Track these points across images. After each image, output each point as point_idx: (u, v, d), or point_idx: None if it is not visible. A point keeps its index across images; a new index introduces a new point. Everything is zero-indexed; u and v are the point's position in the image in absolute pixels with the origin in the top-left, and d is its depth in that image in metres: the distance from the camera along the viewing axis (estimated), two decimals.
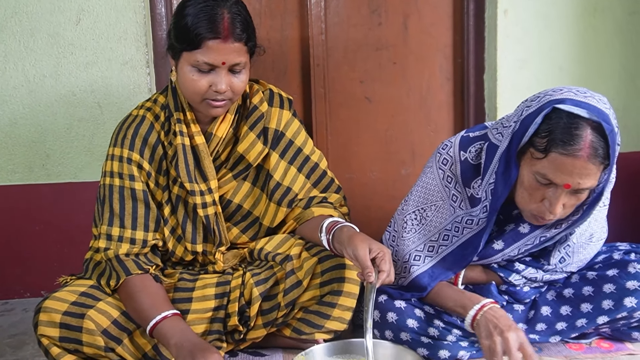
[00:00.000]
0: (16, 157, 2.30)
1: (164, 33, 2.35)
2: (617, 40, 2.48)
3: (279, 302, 1.69)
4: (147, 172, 1.70)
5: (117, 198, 1.67)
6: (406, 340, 1.67)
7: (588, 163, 1.36)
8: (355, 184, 2.57)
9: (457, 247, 1.67)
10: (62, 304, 1.59)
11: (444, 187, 1.67)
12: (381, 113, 2.54)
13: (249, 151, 1.75)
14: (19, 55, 2.24)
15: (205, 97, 1.61)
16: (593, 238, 1.69)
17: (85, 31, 2.25)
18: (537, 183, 1.44)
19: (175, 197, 1.74)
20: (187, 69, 1.60)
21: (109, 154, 1.71)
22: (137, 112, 1.75)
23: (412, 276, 1.70)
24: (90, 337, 1.57)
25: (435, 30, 2.51)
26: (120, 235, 1.65)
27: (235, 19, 1.57)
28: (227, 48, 1.56)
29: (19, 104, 2.27)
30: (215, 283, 1.72)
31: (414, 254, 1.71)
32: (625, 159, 2.53)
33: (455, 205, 1.66)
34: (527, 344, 1.42)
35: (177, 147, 1.69)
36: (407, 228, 1.73)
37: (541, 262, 1.71)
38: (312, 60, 2.44)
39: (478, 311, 1.53)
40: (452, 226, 1.67)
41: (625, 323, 1.69)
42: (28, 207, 2.31)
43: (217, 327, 1.68)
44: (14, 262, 2.33)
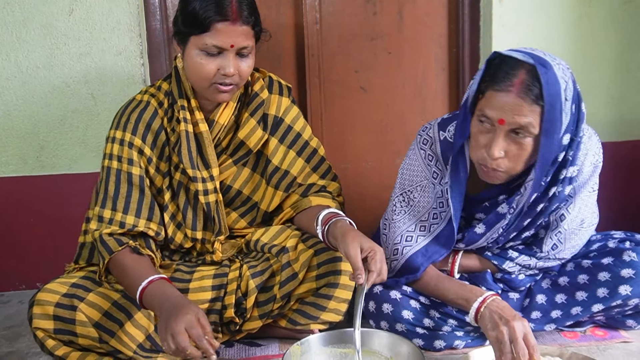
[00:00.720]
0: (10, 149, 2.29)
1: (157, 23, 2.34)
2: (612, 29, 2.48)
3: (274, 294, 1.69)
4: (147, 157, 1.70)
5: (113, 181, 1.68)
6: (402, 331, 1.68)
7: (518, 98, 1.42)
8: (351, 173, 2.57)
9: (447, 222, 1.69)
10: (53, 296, 1.59)
11: (426, 166, 1.70)
12: (376, 103, 2.53)
13: (249, 137, 1.76)
14: (11, 46, 2.22)
15: (214, 81, 1.62)
16: (584, 224, 1.70)
17: (78, 22, 2.23)
18: (480, 126, 1.50)
19: (176, 184, 1.74)
20: (195, 53, 1.61)
21: (110, 137, 1.71)
22: (141, 97, 1.76)
23: (405, 257, 1.70)
24: (84, 329, 1.58)
25: (430, 20, 2.50)
26: (111, 217, 1.65)
27: (243, 2, 1.60)
28: (235, 30, 1.58)
29: (12, 96, 2.25)
30: (213, 275, 1.72)
31: (406, 234, 1.72)
32: (621, 147, 2.54)
33: (436, 182, 1.69)
34: (531, 335, 1.43)
35: (180, 134, 1.70)
36: (396, 211, 1.75)
37: (534, 249, 1.72)
38: (306, 50, 2.43)
39: (481, 304, 1.53)
40: (437, 203, 1.69)
41: (619, 311, 1.70)
42: (22, 199, 2.31)
43: (213, 318, 1.69)
44: (9, 254, 2.33)
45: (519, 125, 1.44)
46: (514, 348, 1.41)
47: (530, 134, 1.45)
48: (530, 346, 1.41)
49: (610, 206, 2.57)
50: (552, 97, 1.42)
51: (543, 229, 1.70)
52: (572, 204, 1.65)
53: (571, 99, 1.47)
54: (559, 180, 1.57)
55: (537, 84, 1.42)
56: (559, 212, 1.66)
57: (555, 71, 1.44)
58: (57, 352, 1.60)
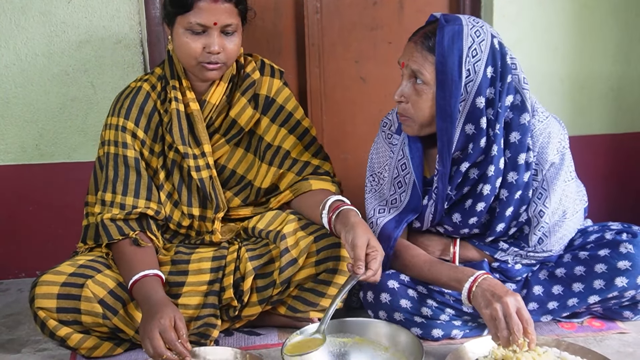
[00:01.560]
0: (9, 137, 2.28)
1: (157, 11, 2.33)
2: (612, 20, 2.47)
3: (274, 280, 1.70)
4: (141, 140, 1.76)
5: (112, 165, 1.74)
6: (400, 320, 1.69)
7: (415, 45, 1.60)
8: (350, 163, 2.57)
9: (413, 185, 1.74)
10: (60, 277, 1.62)
11: (387, 144, 1.81)
12: (376, 93, 2.53)
13: (240, 115, 1.81)
14: (10, 34, 2.21)
15: (200, 60, 1.68)
16: (567, 214, 1.70)
17: (77, 9, 2.22)
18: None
19: (170, 162, 1.79)
20: (181, 32, 1.68)
21: (106, 123, 1.79)
22: (135, 84, 1.82)
23: (380, 226, 1.75)
24: (89, 304, 1.60)
25: (430, 10, 2.47)
26: (112, 200, 1.72)
27: None
28: (217, 8, 1.64)
29: (11, 83, 2.25)
30: (211, 257, 1.75)
31: (378, 208, 1.79)
32: (620, 139, 2.55)
33: (393, 150, 1.78)
34: (524, 309, 1.45)
35: (171, 113, 1.76)
36: (367, 190, 1.85)
37: (521, 244, 1.73)
38: (307, 40, 2.42)
39: (473, 283, 1.54)
40: (398, 170, 1.76)
41: (616, 302, 1.71)
42: (21, 188, 2.31)
43: (211, 300, 1.70)
44: (8, 242, 2.33)
45: (413, 69, 1.59)
46: (508, 323, 1.43)
47: (426, 83, 1.58)
48: (524, 320, 1.43)
49: (608, 198, 2.58)
50: (444, 49, 1.54)
51: (526, 224, 1.72)
52: (547, 197, 1.66)
53: (483, 60, 1.56)
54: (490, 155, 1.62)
55: (434, 36, 1.56)
56: (537, 208, 1.67)
57: (464, 29, 1.56)
58: (59, 333, 1.61)
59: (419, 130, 1.67)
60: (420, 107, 1.62)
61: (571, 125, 2.48)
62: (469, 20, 1.59)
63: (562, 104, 2.52)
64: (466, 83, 1.57)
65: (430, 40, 1.57)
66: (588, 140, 2.53)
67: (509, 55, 1.62)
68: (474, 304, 1.54)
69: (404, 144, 1.76)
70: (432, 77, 1.57)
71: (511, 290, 1.50)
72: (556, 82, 2.50)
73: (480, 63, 1.56)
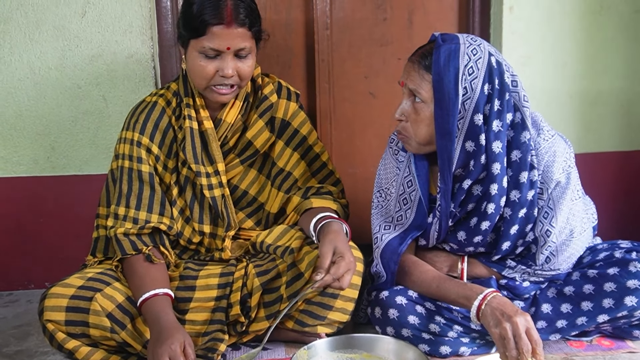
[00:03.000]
0: (21, 149, 2.31)
1: (169, 26, 2.36)
2: (621, 37, 2.47)
3: (281, 294, 1.70)
4: (155, 155, 1.77)
5: (126, 179, 1.75)
6: (407, 336, 1.68)
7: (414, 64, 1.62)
8: (359, 178, 2.57)
9: (418, 202, 1.75)
10: (69, 289, 1.63)
11: (394, 160, 1.81)
12: (385, 108, 2.54)
13: (257, 137, 1.82)
14: (24, 47, 2.24)
15: (212, 82, 1.70)
16: (574, 233, 1.70)
17: (90, 24, 2.25)
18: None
19: (183, 179, 1.80)
20: (194, 56, 1.68)
21: (121, 137, 1.80)
22: (150, 98, 1.84)
23: (384, 242, 1.75)
24: (97, 318, 1.60)
25: (440, 26, 2.51)
26: (125, 214, 1.72)
27: (239, 5, 1.65)
28: (231, 33, 1.64)
29: (24, 96, 2.27)
30: (219, 273, 1.75)
31: (383, 224, 1.79)
32: (630, 157, 2.54)
33: (400, 167, 1.78)
34: (534, 329, 1.44)
35: (185, 130, 1.77)
36: (374, 206, 1.85)
37: (529, 263, 1.73)
38: (316, 55, 2.44)
39: (482, 301, 1.54)
40: (404, 187, 1.77)
41: (626, 322, 1.70)
42: (33, 199, 2.33)
43: (219, 316, 1.70)
44: (19, 253, 2.35)
45: (410, 88, 1.62)
46: (517, 343, 1.42)
47: (424, 101, 1.60)
48: (533, 341, 1.42)
49: (618, 215, 2.57)
50: (440, 67, 1.57)
51: (533, 244, 1.71)
52: (554, 217, 1.66)
53: (480, 77, 1.57)
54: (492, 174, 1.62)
55: (431, 55, 1.59)
56: (543, 227, 1.67)
57: (460, 48, 1.58)
58: (67, 346, 1.62)
59: (419, 149, 1.69)
60: (419, 126, 1.64)
61: (581, 142, 2.49)
62: (466, 39, 1.61)
63: (572, 121, 2.52)
64: (463, 101, 1.58)
65: (426, 60, 1.60)
66: (598, 158, 2.52)
67: (509, 73, 1.62)
68: (482, 322, 1.53)
69: (410, 161, 1.77)
70: (429, 95, 1.60)
71: (520, 309, 1.49)
72: (565, 99, 2.50)
73: (477, 80, 1.57)
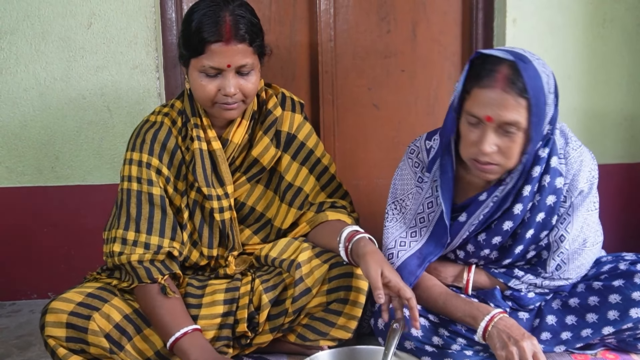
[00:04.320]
0: (25, 159, 2.32)
1: (174, 38, 2.37)
2: (625, 50, 2.48)
3: (286, 308, 1.69)
4: (165, 177, 1.72)
5: (135, 202, 1.68)
6: (410, 348, 1.67)
7: (504, 93, 1.46)
8: (362, 190, 2.57)
9: (436, 222, 1.72)
10: (68, 305, 1.60)
11: (413, 173, 1.76)
12: (388, 120, 2.54)
13: (263, 155, 1.77)
14: (30, 58, 2.26)
15: (216, 100, 1.64)
16: (587, 243, 1.69)
17: (96, 35, 2.27)
18: (469, 126, 1.54)
19: (192, 202, 1.75)
20: (195, 75, 1.63)
21: (127, 159, 1.72)
22: (155, 117, 1.77)
23: (401, 260, 1.72)
24: (96, 338, 1.58)
25: (444, 39, 2.52)
26: (135, 239, 1.65)
27: (239, 21, 1.59)
28: (230, 50, 1.58)
29: (29, 107, 2.29)
30: (224, 289, 1.71)
31: (399, 240, 1.76)
32: (634, 169, 2.54)
33: (421, 186, 1.74)
34: (541, 354, 1.43)
35: (194, 152, 1.71)
36: (389, 218, 1.79)
37: (538, 270, 1.72)
38: (320, 67, 2.45)
39: (489, 322, 1.53)
40: (423, 207, 1.73)
41: (631, 334, 1.69)
42: (36, 209, 2.33)
43: (226, 333, 1.68)
44: (22, 263, 2.35)
45: (505, 121, 1.48)
46: None
47: (520, 129, 1.49)
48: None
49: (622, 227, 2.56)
50: (536, 89, 1.47)
51: (545, 249, 1.70)
52: (570, 223, 1.66)
53: (553, 92, 1.53)
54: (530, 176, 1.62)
55: (520, 77, 1.46)
56: (558, 232, 1.66)
57: (535, 65, 1.49)
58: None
59: (502, 173, 1.61)
60: (512, 153, 1.53)
61: None
62: (528, 54, 1.52)
63: (575, 133, 2.46)
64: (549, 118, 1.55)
65: (516, 84, 1.46)
66: (601, 170, 2.48)
67: None
68: (488, 343, 1.53)
69: (434, 183, 1.72)
70: (525, 118, 1.48)
71: (527, 332, 1.48)
72: (569, 111, 2.50)
73: (552, 95, 1.53)
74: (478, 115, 1.50)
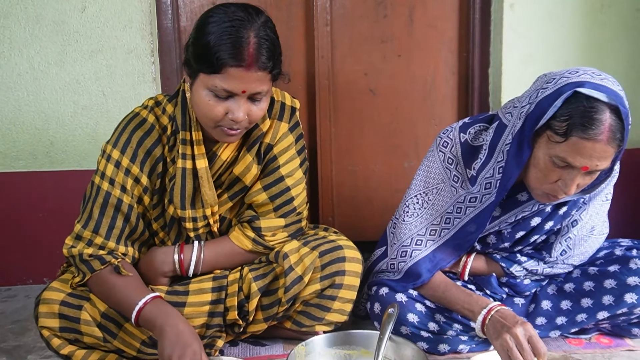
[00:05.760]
0: (20, 144, 2.30)
1: (169, 22, 2.35)
2: (623, 36, 2.47)
3: (279, 298, 1.68)
4: (144, 187, 1.63)
5: (100, 202, 1.60)
6: (406, 334, 1.68)
7: (607, 146, 1.38)
8: (359, 176, 2.57)
9: (459, 228, 1.68)
10: (58, 294, 1.60)
11: (444, 169, 1.68)
12: (385, 106, 2.53)
13: (245, 174, 1.67)
14: (24, 43, 2.24)
15: (220, 123, 1.51)
16: (594, 231, 1.70)
17: (90, 19, 2.25)
18: (553, 165, 1.45)
19: (169, 218, 1.69)
20: (203, 93, 1.48)
21: (108, 153, 1.62)
22: (147, 115, 1.65)
23: (413, 260, 1.71)
24: (89, 328, 1.58)
25: (440, 24, 2.51)
26: (91, 239, 1.59)
27: (262, 45, 1.44)
28: (249, 76, 1.44)
29: (23, 91, 2.27)
30: (212, 277, 1.70)
31: (416, 238, 1.72)
32: (631, 155, 2.52)
33: (456, 186, 1.67)
34: (536, 337, 1.43)
35: (177, 171, 1.62)
36: (409, 212, 1.73)
37: (543, 254, 1.72)
38: (316, 52, 2.43)
39: (486, 315, 1.53)
40: (453, 208, 1.67)
41: (625, 319, 1.70)
42: (31, 194, 2.32)
43: (217, 321, 1.67)
44: (17, 248, 2.34)
45: (600, 169, 1.43)
46: (521, 353, 1.40)
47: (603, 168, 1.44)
48: (536, 349, 1.40)
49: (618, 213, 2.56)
50: (628, 133, 1.41)
51: (553, 234, 1.70)
52: (585, 210, 1.65)
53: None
54: None
55: (620, 127, 1.38)
56: (573, 217, 1.66)
57: (625, 103, 1.41)
58: (62, 351, 1.60)
59: None
60: (585, 185, 1.49)
61: None
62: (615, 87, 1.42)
63: None
64: None
65: (616, 135, 1.38)
66: None
67: None
68: (486, 335, 1.53)
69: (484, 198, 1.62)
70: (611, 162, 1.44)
71: (522, 319, 1.48)
72: None
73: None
74: (574, 164, 1.41)
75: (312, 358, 1.54)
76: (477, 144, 1.64)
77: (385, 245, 1.80)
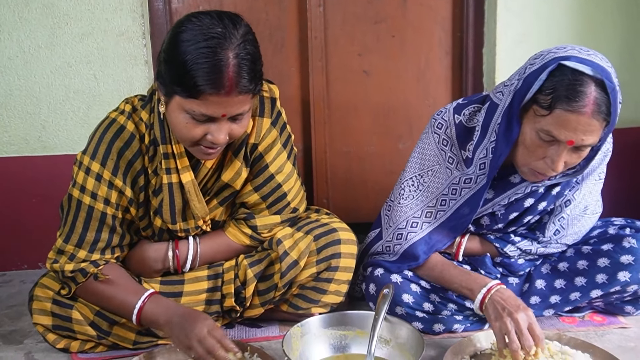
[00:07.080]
0: (12, 129, 2.29)
1: (160, 4, 2.33)
2: (618, 15, 2.46)
3: (275, 283, 1.68)
4: (129, 199, 1.56)
5: (83, 217, 1.54)
6: (401, 314, 1.68)
7: (592, 119, 1.37)
8: (353, 157, 2.57)
9: (455, 210, 1.68)
10: (48, 292, 1.61)
11: (439, 150, 1.68)
12: (379, 86, 2.52)
13: (235, 180, 1.62)
14: (13, 26, 2.21)
15: (200, 143, 1.43)
16: (587, 210, 1.70)
17: (80, 1, 2.22)
18: (539, 140, 1.44)
19: (157, 230, 1.66)
20: (180, 115, 1.39)
21: (86, 166, 1.52)
22: (124, 121, 1.55)
23: (409, 243, 1.71)
24: (81, 327, 1.59)
25: (434, 3, 2.49)
26: (73, 253, 1.55)
27: (243, 67, 1.34)
28: (229, 101, 1.35)
29: (14, 75, 2.25)
30: (207, 266, 1.71)
31: (412, 220, 1.72)
32: (624, 134, 2.52)
33: (451, 167, 1.66)
34: (536, 324, 1.43)
35: (163, 188, 1.56)
36: (404, 195, 1.73)
37: (537, 234, 1.72)
38: (309, 33, 2.42)
39: (485, 294, 1.54)
40: (449, 189, 1.67)
41: (618, 297, 1.71)
42: (24, 180, 2.31)
43: (214, 309, 1.68)
44: (11, 234, 2.34)
45: (586, 144, 1.42)
46: (520, 339, 1.41)
47: (592, 145, 1.44)
48: (535, 335, 1.41)
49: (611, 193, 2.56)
50: (615, 107, 1.40)
51: (547, 214, 1.71)
52: (578, 190, 1.66)
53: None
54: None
55: (605, 100, 1.37)
56: (566, 197, 1.66)
57: (614, 80, 1.40)
58: (58, 346, 1.62)
59: None
60: (572, 164, 1.49)
61: None
62: (605, 62, 1.41)
63: None
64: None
65: (602, 109, 1.37)
66: None
67: None
68: (484, 314, 1.54)
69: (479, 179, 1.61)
70: (599, 138, 1.43)
71: (523, 304, 1.48)
72: None
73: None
74: (559, 138, 1.40)
75: (308, 339, 1.55)
76: (472, 125, 1.64)
77: (379, 227, 1.80)
